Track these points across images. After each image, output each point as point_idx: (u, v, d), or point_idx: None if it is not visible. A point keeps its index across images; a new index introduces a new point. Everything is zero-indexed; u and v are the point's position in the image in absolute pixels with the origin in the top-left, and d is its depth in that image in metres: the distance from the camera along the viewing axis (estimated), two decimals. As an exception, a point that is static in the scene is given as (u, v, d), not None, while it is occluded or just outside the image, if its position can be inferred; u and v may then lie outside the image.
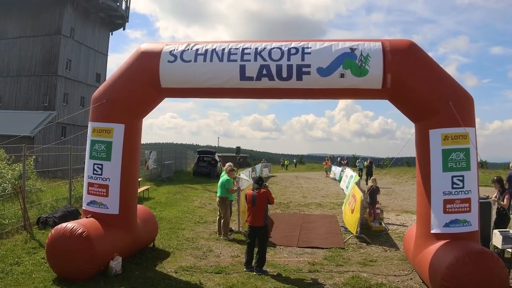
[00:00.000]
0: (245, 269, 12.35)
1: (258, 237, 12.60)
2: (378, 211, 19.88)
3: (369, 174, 38.17)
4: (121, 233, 11.98)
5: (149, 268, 12.17)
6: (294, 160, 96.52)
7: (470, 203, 10.59)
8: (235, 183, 17.27)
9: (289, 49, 11.37)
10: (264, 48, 11.46)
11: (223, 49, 11.64)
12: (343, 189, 33.91)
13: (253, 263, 12.42)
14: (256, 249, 12.57)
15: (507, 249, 11.71)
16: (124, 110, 12.04)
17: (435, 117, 10.76)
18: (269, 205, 12.87)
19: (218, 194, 16.82)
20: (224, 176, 16.90)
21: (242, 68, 11.36)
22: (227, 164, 17.71)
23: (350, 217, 18.18)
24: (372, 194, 19.58)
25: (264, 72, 11.27)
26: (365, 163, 40.38)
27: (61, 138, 47.31)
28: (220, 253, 14.23)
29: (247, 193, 12.97)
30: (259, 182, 12.83)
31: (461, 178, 10.61)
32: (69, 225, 10.81)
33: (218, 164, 47.08)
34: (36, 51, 51.34)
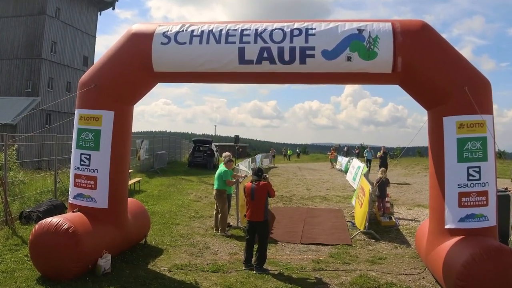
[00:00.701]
0: (244, 268, 12.35)
1: (258, 233, 12.58)
2: (388, 205, 19.87)
3: (383, 166, 31.40)
4: (111, 228, 11.96)
5: (140, 266, 12.17)
6: (297, 150, 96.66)
7: (487, 196, 10.56)
8: (235, 176, 17.25)
9: (291, 30, 11.30)
10: (265, 29, 11.39)
11: (221, 31, 11.58)
12: (349, 181, 33.92)
13: (252, 261, 12.42)
14: (256, 246, 12.57)
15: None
16: (114, 96, 11.99)
17: (450, 103, 10.71)
18: (269, 199, 12.85)
19: (215, 187, 16.82)
20: (221, 167, 16.89)
21: (241, 51, 11.30)
22: (224, 154, 17.69)
23: (358, 212, 18.19)
24: (381, 187, 19.57)
25: (265, 55, 11.21)
26: (379, 153, 35.94)
27: (45, 126, 47.33)
28: (217, 250, 14.23)
29: (246, 185, 12.94)
30: (259, 173, 12.77)
31: (477, 169, 10.58)
32: (54, 220, 10.78)
33: (215, 154, 47.08)
34: (19, 33, 51.22)
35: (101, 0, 59.81)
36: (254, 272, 12.00)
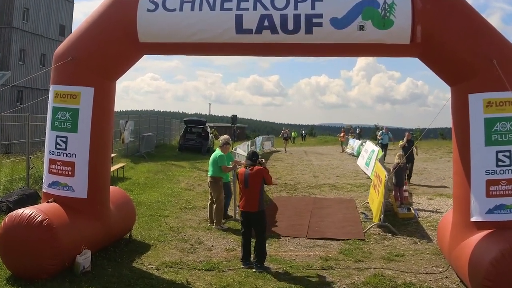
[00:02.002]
0: (242, 266, 12.37)
1: (253, 226, 12.58)
2: (406, 194, 19.82)
3: (409, 160, 25.08)
4: (91, 221, 11.94)
5: (124, 264, 12.19)
6: (303, 132, 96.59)
7: (520, 184, 10.55)
8: (235, 162, 17.23)
9: (296, -5, 11.24)
10: (266, -6, 11.33)
11: (215, -5, 11.51)
12: (362, 167, 33.94)
13: (251, 258, 12.44)
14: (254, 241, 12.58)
15: None
16: (94, 70, 11.92)
17: (476, 78, 10.65)
18: (271, 187, 12.83)
19: (209, 174, 16.82)
20: (217, 151, 16.87)
21: (239, 19, 11.22)
22: (222, 137, 17.66)
23: (373, 202, 18.19)
24: (398, 174, 19.51)
25: (266, 23, 11.13)
26: (401, 142, 28.29)
27: (16, 105, 47.29)
28: (212, 246, 14.28)
29: (239, 171, 12.92)
30: (253, 158, 12.74)
31: (507, 153, 10.55)
32: (26, 211, 10.75)
33: (210, 137, 47.06)
34: (-15, -2, 51.04)
35: (79, -40, 59.49)
36: (254, 270, 12.01)
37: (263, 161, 13.12)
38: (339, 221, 17.51)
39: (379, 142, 39.11)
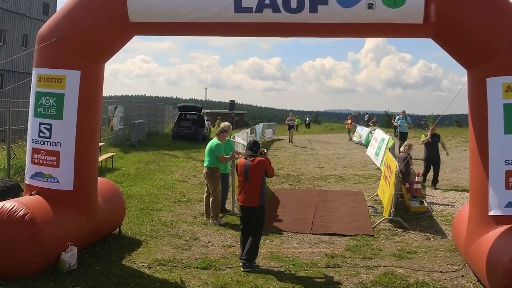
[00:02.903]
0: (243, 266, 12.31)
1: (252, 222, 12.54)
2: (419, 186, 19.82)
3: (433, 160, 23.48)
4: (77, 215, 11.95)
5: (113, 262, 12.19)
6: (307, 119, 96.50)
7: (543, 176, 10.55)
8: (235, 153, 17.20)
9: (300, -30, 11.20)
10: (267, -31, 11.29)
11: (212, -30, 11.48)
12: (371, 157, 33.94)
13: (242, 255, 12.38)
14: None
15: None
16: (80, 52, 11.89)
17: (495, 61, 10.62)
18: (272, 179, 12.80)
19: (205, 164, 16.82)
20: (213, 140, 16.84)
21: (238, -4, 11.22)
22: (222, 124, 17.62)
23: (384, 195, 18.18)
24: (406, 164, 19.48)
25: (267, 1, 11.09)
26: (423, 138, 24.01)
27: (-4, 90, 47.22)
28: (209, 242, 14.30)
29: (238, 162, 12.86)
30: (254, 148, 12.63)
31: (529, 142, 10.55)
32: (7, 204, 10.75)
33: (206, 124, 47.03)
34: (-39, -27, 50.92)
35: None
36: (242, 269, 11.96)
37: (265, 151, 13.03)
38: (346, 216, 17.55)
39: (398, 130, 35.14)
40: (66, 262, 11.04)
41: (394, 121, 39.57)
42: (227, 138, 17.54)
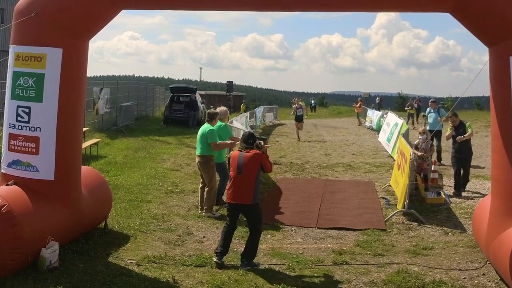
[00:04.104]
0: (215, 259, 12.15)
1: (248, 221, 12.52)
2: (436, 175, 19.79)
3: (464, 160, 20.13)
4: (59, 208, 11.95)
5: (99, 259, 12.19)
6: (312, 101, 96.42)
7: None
8: (232, 139, 17.13)
9: None
10: None
11: None
12: (383, 144, 33.94)
13: (217, 249, 12.30)
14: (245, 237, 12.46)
15: None
16: (62, 27, 11.83)
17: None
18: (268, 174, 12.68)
19: (197, 152, 16.78)
20: (205, 125, 16.78)
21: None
22: (220, 109, 17.55)
23: (397, 185, 18.15)
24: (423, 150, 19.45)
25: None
26: (449, 131, 20.56)
27: (-31, 69, 47.22)
28: (204, 237, 14.31)
29: (231, 155, 12.71)
30: (249, 141, 12.40)
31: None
32: (-19, 196, 10.77)
33: (201, 107, 46.96)
34: None
35: None
36: (240, 268, 11.90)
37: (262, 144, 12.77)
38: (356, 208, 17.57)
39: (427, 128, 24.51)
40: (47, 259, 11.03)
41: (408, 108, 38.33)
42: (224, 123, 17.49)
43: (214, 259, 12.08)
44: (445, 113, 27.41)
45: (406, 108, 51.95)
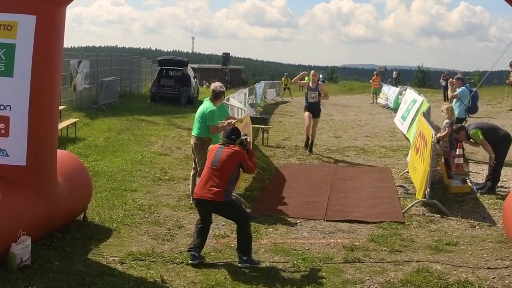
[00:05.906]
0: (190, 260, 11.99)
1: (228, 218, 12.57)
2: (461, 161, 19.78)
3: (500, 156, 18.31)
4: (31, 197, 11.92)
5: (77, 255, 12.15)
6: (320, 76, 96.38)
7: None
8: (229, 118, 17.01)
9: None
10: None
11: None
12: (396, 122, 33.92)
13: (192, 246, 12.24)
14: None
15: None
16: (34, -9, 11.81)
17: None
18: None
19: (194, 133, 16.65)
20: (207, 104, 16.55)
21: None
22: (214, 84, 17.47)
23: (415, 172, 18.09)
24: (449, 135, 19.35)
25: None
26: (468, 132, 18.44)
27: None
28: (197, 231, 14.26)
29: (211, 147, 12.62)
30: (231, 136, 12.31)
31: None
32: None
33: (193, 83, 46.89)
34: None
35: None
36: (239, 266, 11.89)
37: (248, 140, 12.74)
38: (369, 198, 17.58)
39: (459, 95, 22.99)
40: (17, 256, 10.99)
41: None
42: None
43: (189, 261, 11.95)
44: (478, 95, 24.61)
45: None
